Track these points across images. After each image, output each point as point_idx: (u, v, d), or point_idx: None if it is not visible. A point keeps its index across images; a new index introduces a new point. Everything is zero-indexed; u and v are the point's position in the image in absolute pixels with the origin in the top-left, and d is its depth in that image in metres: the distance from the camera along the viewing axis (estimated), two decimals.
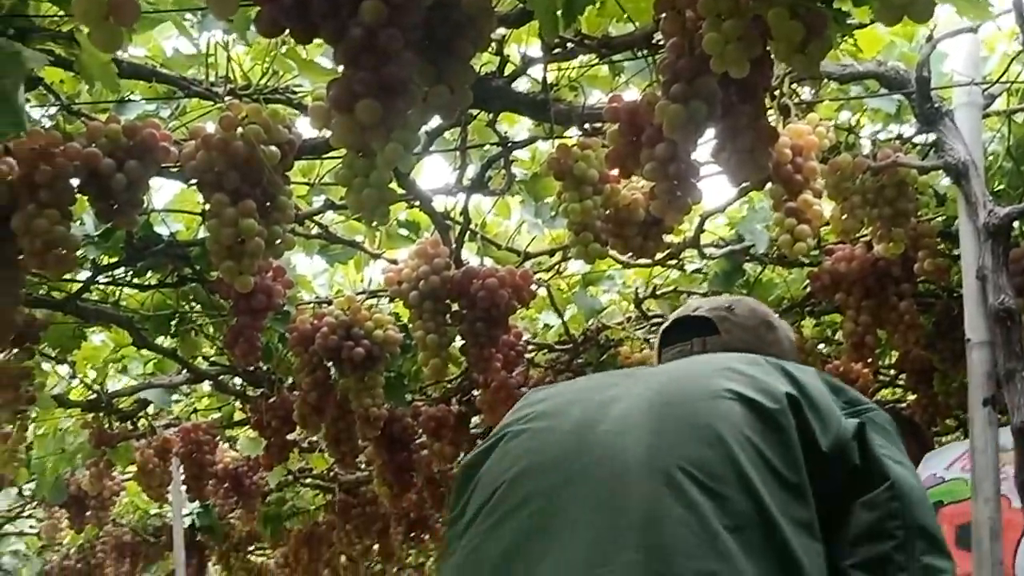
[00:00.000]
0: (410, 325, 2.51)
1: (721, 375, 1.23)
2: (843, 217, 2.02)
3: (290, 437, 3.03)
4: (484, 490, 1.24)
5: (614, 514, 1.11)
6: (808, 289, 2.61)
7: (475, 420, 3.59)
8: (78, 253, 1.73)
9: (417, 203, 2.23)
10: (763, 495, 1.10)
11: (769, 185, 1.81)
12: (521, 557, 1.13)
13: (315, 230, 2.44)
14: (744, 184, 1.95)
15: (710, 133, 1.46)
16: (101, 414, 3.16)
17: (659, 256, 2.32)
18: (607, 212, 1.89)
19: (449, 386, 3.21)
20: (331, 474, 4.51)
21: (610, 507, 1.12)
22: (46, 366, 2.85)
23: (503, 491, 1.21)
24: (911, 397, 3.40)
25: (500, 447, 1.28)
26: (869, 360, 2.44)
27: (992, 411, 1.70)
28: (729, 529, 1.08)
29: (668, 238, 2.05)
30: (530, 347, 2.94)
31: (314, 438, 3.76)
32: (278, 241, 1.76)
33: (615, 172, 1.77)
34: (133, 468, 3.63)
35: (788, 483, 1.13)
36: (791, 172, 1.75)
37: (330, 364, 2.51)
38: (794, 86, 1.90)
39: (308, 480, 4.56)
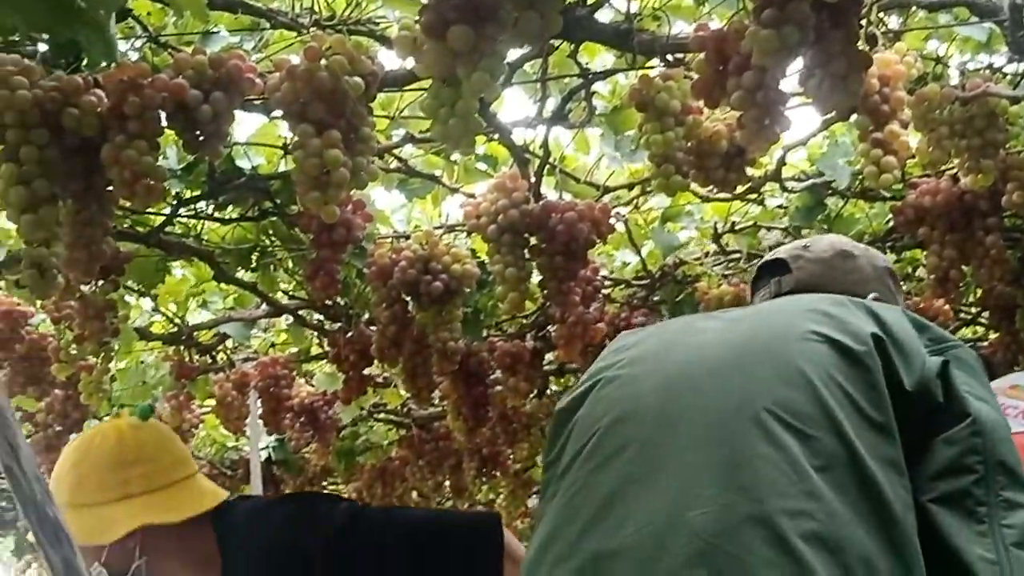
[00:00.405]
0: (487, 260, 2.52)
1: (808, 317, 1.24)
2: (930, 149, 1.98)
3: (367, 372, 3.07)
4: (580, 436, 1.26)
5: (706, 457, 1.13)
6: (891, 224, 2.57)
7: (549, 357, 3.61)
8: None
9: (496, 136, 2.22)
10: (850, 435, 1.11)
11: (854, 116, 1.78)
12: (620, 502, 1.15)
13: (394, 164, 2.44)
14: (829, 115, 1.91)
15: (795, 65, 1.44)
16: (182, 347, 3.22)
17: (739, 190, 2.29)
18: (689, 144, 1.88)
19: (524, 322, 3.22)
20: (404, 410, 4.56)
21: (702, 451, 1.14)
22: (129, 299, 2.91)
23: (599, 437, 1.23)
24: (992, 336, 3.35)
25: (594, 393, 1.30)
26: (952, 296, 2.39)
27: None
28: (818, 469, 1.09)
29: (750, 171, 2.02)
30: (607, 283, 2.93)
31: (388, 373, 3.80)
32: (362, 172, 1.76)
33: (700, 103, 1.75)
34: (211, 402, 3.70)
35: (875, 423, 1.14)
36: (878, 102, 1.71)
37: (408, 298, 2.53)
38: (881, 15, 1.85)
39: (382, 415, 4.61)
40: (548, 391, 4.09)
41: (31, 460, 1.94)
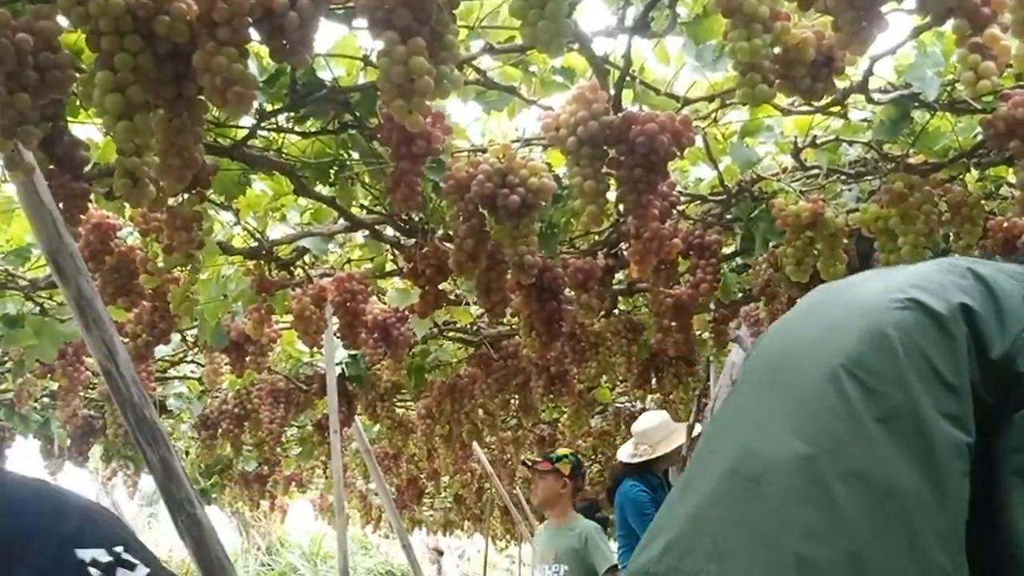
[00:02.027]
0: (562, 174, 2.53)
1: (909, 282, 1.25)
2: None
3: (441, 287, 3.10)
4: None
5: (783, 408, 1.17)
6: (978, 138, 2.52)
7: (618, 276, 3.62)
8: None
9: (576, 46, 2.21)
10: (917, 389, 1.12)
11: (950, 22, 1.74)
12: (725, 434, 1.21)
13: (472, 75, 2.44)
14: (923, 21, 1.87)
15: None
16: (262, 261, 3.27)
17: (823, 102, 2.26)
18: (776, 52, 1.85)
19: (597, 239, 3.23)
20: (475, 328, 4.61)
21: (782, 402, 1.18)
22: (211, 212, 2.96)
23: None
24: None
25: None
26: None
27: None
28: (877, 419, 1.11)
29: (836, 82, 1.99)
30: (682, 198, 2.92)
31: (460, 291, 3.84)
32: (446, 81, 1.77)
33: (787, 10, 1.72)
34: (289, 317, 3.77)
35: (946, 382, 1.14)
36: (977, 4, 1.67)
37: (485, 212, 2.54)
38: None
39: (452, 334, 4.67)
40: (616, 310, 4.11)
41: (128, 364, 2.01)
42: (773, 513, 1.09)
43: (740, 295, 3.82)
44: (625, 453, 6.49)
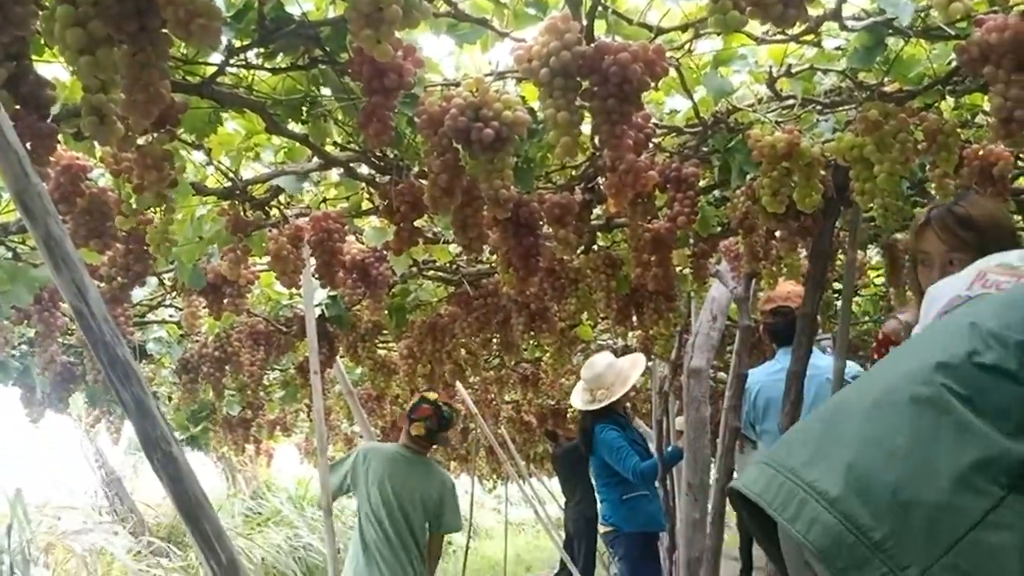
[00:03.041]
0: (537, 107, 2.51)
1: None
2: None
3: (417, 224, 3.08)
4: None
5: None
6: (953, 65, 2.51)
7: (597, 211, 3.61)
8: None
9: None
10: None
11: None
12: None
13: (443, 8, 2.41)
14: None
15: None
16: (236, 201, 3.25)
17: (797, 30, 2.25)
18: None
19: (574, 173, 3.21)
20: (454, 267, 4.60)
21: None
22: (183, 152, 2.94)
23: None
24: None
25: None
26: (1015, 139, 2.33)
27: None
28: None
29: (809, 9, 1.97)
30: (657, 131, 2.91)
31: (439, 228, 3.83)
32: (414, 10, 1.75)
33: None
34: (265, 259, 3.75)
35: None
36: None
37: (459, 147, 2.53)
38: None
39: (432, 272, 4.66)
40: (595, 246, 4.11)
41: (99, 302, 1.99)
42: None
43: (719, 229, 3.82)
44: (580, 400, 6.58)
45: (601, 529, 6.64)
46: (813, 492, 1.45)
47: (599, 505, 6.59)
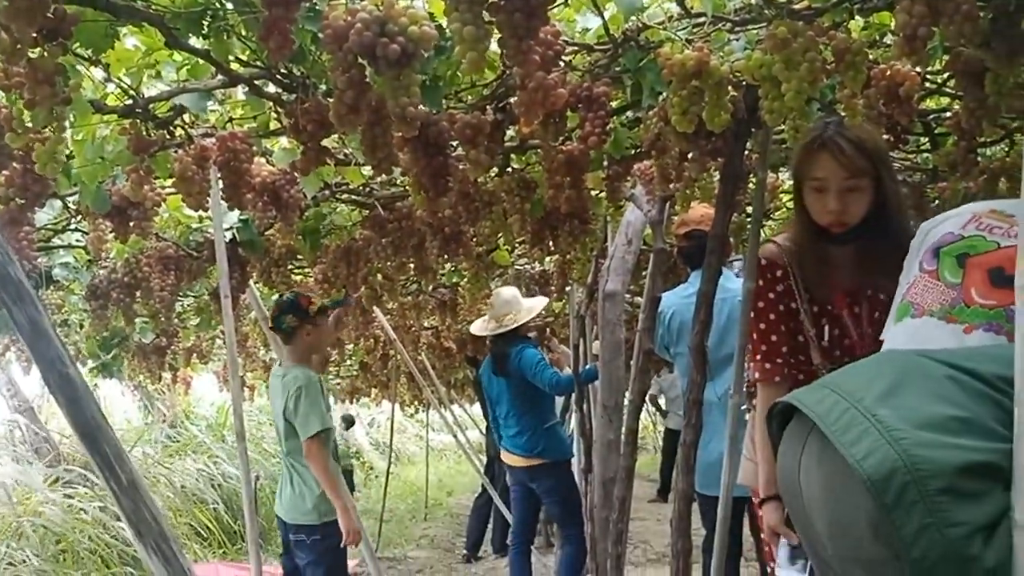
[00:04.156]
0: (445, 22, 2.46)
1: None
2: None
3: (326, 143, 3.03)
4: None
5: None
6: None
7: (510, 133, 3.58)
8: None
9: None
10: None
11: None
12: None
13: None
14: None
15: None
16: (138, 120, 3.16)
17: None
18: None
19: (485, 93, 3.18)
20: (367, 190, 4.55)
21: None
22: (80, 69, 2.84)
23: None
24: (956, 107, 3.35)
25: None
26: (919, 57, 2.34)
27: None
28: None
29: None
30: (568, 48, 2.88)
31: (349, 150, 3.77)
32: None
33: None
34: (172, 181, 3.66)
35: None
36: None
37: (365, 63, 2.47)
38: None
39: (345, 195, 4.61)
40: (509, 168, 4.08)
41: None
42: None
43: (633, 151, 3.82)
44: (483, 327, 6.65)
45: (520, 462, 6.68)
46: (880, 425, 1.49)
47: (517, 438, 6.62)
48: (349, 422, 18.28)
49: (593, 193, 4.55)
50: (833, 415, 1.56)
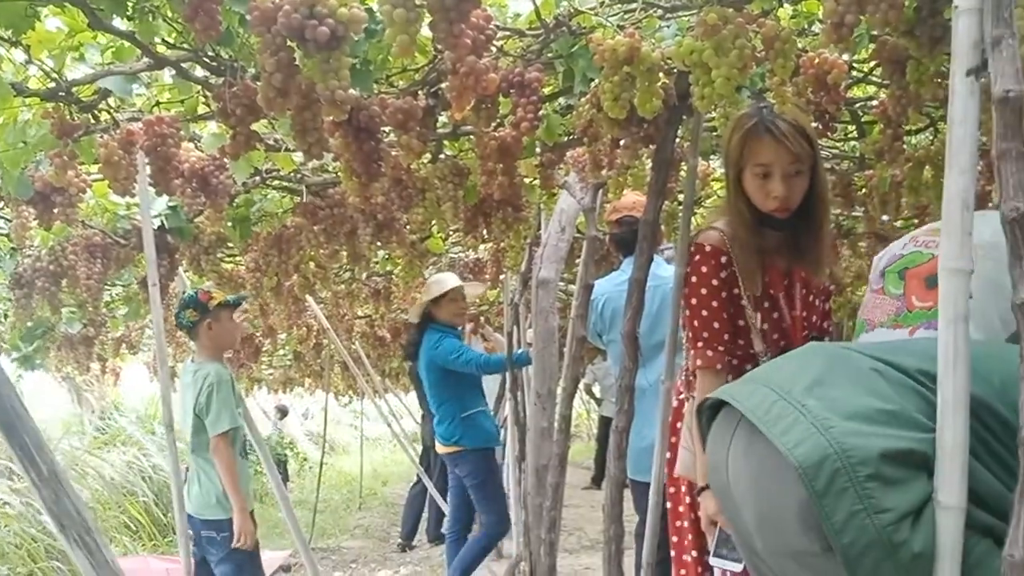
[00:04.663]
0: (375, 4, 2.43)
1: None
2: None
3: (255, 128, 2.99)
4: None
5: None
6: None
7: (443, 119, 3.56)
8: None
9: None
10: None
11: None
12: None
13: None
14: None
15: None
16: (61, 104, 3.09)
17: None
18: None
19: (416, 78, 3.15)
20: (298, 176, 4.50)
21: None
22: (0, 51, 2.77)
23: None
24: (883, 95, 3.39)
25: None
26: (846, 44, 2.37)
27: (975, 81, 1.67)
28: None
29: None
30: (500, 33, 2.86)
31: (280, 134, 3.72)
32: None
33: None
34: (98, 167, 3.59)
35: None
36: None
37: (293, 45, 2.44)
38: None
39: (276, 182, 4.55)
40: (442, 155, 4.06)
41: None
42: None
43: (566, 138, 3.82)
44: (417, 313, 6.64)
45: (441, 449, 6.65)
46: (810, 414, 1.51)
47: (439, 426, 6.59)
48: (283, 412, 18.17)
49: (527, 180, 4.55)
50: (763, 407, 1.58)
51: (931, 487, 1.50)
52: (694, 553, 3.08)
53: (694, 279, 2.88)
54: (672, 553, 3.22)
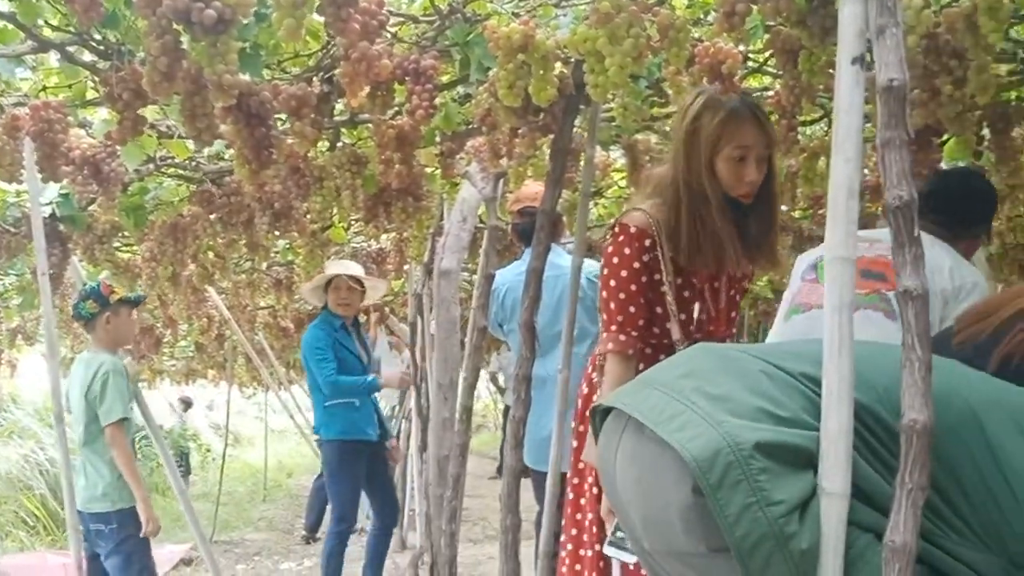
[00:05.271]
0: None
1: None
2: None
3: (147, 114, 2.93)
4: None
5: None
6: None
7: (340, 107, 3.53)
8: None
9: None
10: None
11: None
12: None
13: None
14: None
15: None
16: None
17: None
18: None
19: (310, 64, 3.11)
20: (194, 163, 4.41)
21: None
22: None
23: None
24: (778, 85, 3.44)
25: None
26: (739, 34, 2.40)
27: (860, 70, 1.69)
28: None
29: None
30: (393, 19, 2.84)
31: (172, 120, 3.64)
32: None
33: None
34: None
35: None
36: None
37: (180, 29, 2.39)
38: None
39: (171, 170, 4.46)
40: (340, 143, 4.02)
41: None
42: None
43: (465, 127, 3.81)
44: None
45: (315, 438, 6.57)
46: (702, 411, 1.52)
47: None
48: (187, 404, 17.85)
49: (427, 170, 4.52)
50: (656, 410, 1.59)
51: (815, 482, 1.53)
52: (597, 547, 2.92)
53: (615, 260, 2.76)
54: (569, 547, 3.10)
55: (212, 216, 4.44)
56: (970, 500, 1.49)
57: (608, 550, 2.59)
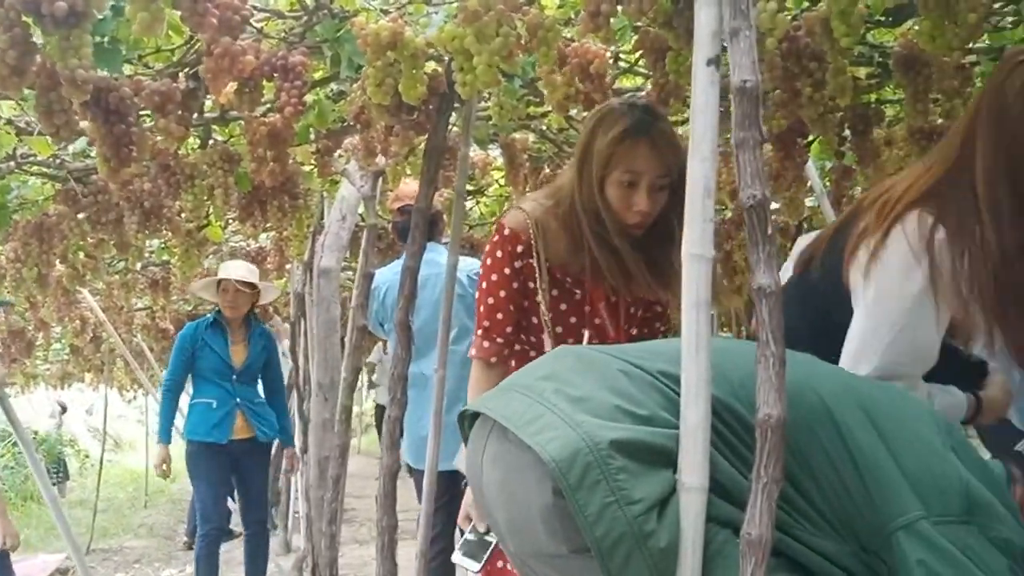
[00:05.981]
0: None
1: None
2: None
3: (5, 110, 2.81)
4: None
5: None
6: None
7: (209, 104, 3.44)
8: None
9: None
10: None
11: None
12: None
13: None
14: None
15: None
16: None
17: None
18: None
19: (174, 59, 3.02)
20: (58, 161, 4.26)
21: None
22: None
23: None
24: (649, 85, 3.46)
25: None
26: (604, 33, 2.39)
27: (716, 71, 1.69)
28: None
29: None
30: (259, 14, 2.77)
31: (32, 118, 3.50)
32: None
33: None
34: None
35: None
36: None
37: (30, 21, 2.29)
38: None
39: (34, 168, 4.30)
40: (212, 140, 3.92)
41: None
42: None
43: (341, 124, 3.75)
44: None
45: None
46: (561, 413, 1.50)
47: None
48: (63, 409, 17.35)
49: (304, 168, 4.45)
50: (518, 412, 1.59)
51: (673, 480, 1.53)
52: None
53: (488, 261, 2.61)
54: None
55: (79, 215, 4.28)
56: (823, 491, 1.51)
57: (455, 557, 2.49)
